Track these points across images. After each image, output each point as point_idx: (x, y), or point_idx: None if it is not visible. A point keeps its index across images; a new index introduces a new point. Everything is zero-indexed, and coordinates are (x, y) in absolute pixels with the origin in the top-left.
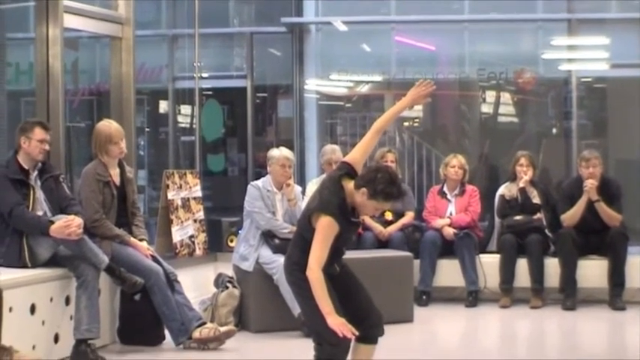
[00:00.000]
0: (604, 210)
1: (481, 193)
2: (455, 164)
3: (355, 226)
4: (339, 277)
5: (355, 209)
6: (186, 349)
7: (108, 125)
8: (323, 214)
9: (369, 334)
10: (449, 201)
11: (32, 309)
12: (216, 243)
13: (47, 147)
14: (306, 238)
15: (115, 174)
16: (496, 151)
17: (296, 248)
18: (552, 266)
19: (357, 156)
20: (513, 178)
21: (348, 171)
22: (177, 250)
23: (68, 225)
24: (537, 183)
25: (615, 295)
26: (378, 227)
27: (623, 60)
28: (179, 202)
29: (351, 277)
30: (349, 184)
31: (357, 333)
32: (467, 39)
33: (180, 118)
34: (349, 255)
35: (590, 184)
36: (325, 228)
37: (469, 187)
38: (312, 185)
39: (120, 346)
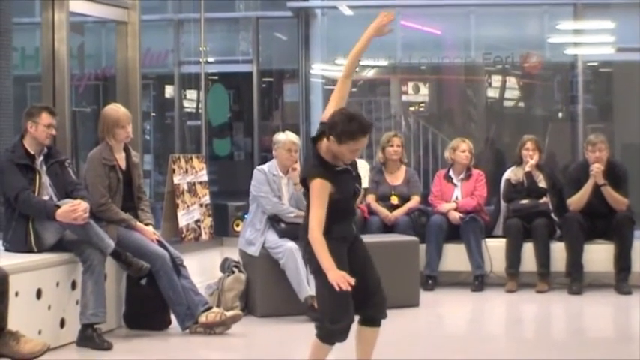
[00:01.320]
0: (610, 194)
1: (487, 177)
2: (465, 149)
3: (347, 176)
4: (354, 251)
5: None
6: (192, 334)
7: (115, 109)
8: (311, 178)
9: (372, 316)
10: (455, 185)
11: (38, 294)
12: (222, 227)
13: (54, 132)
14: None
15: (120, 158)
16: (502, 135)
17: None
18: (558, 250)
19: (331, 110)
20: (519, 162)
21: (323, 129)
22: (183, 235)
23: (74, 209)
24: (543, 167)
25: (621, 280)
26: (384, 212)
27: (628, 44)
28: (185, 187)
29: (365, 254)
30: (321, 142)
31: (352, 282)
32: (473, 23)
33: (186, 103)
34: None
35: (597, 169)
36: (316, 190)
37: (475, 172)
38: None
39: (126, 331)
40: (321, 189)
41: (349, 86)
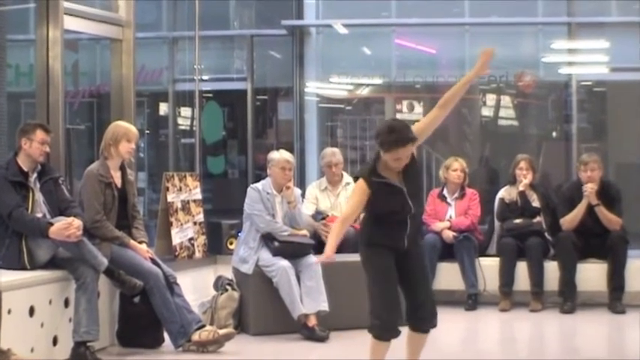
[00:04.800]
0: (604, 214)
1: (481, 196)
2: (457, 167)
3: (392, 190)
4: (406, 261)
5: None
6: (185, 352)
7: (125, 125)
8: (356, 178)
9: (418, 327)
10: (449, 204)
11: (31, 311)
12: (216, 245)
13: (48, 149)
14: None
15: (116, 176)
16: (496, 154)
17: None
18: (552, 269)
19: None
20: (513, 181)
21: None
22: (176, 253)
23: (67, 227)
24: (537, 186)
25: (615, 299)
26: None
27: (623, 64)
28: (179, 205)
29: (415, 267)
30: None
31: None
32: (467, 42)
33: (180, 121)
34: (351, 258)
35: (590, 189)
36: (355, 188)
37: (469, 191)
38: (313, 188)
39: (119, 349)
40: (358, 188)
41: (442, 115)
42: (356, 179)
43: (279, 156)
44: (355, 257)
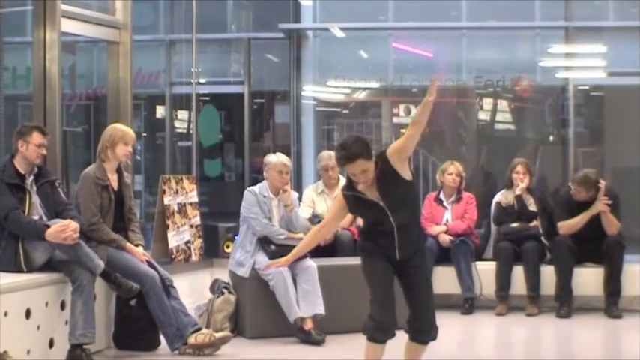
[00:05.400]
0: (608, 218)
1: (478, 200)
2: (452, 171)
3: (368, 204)
4: (405, 272)
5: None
6: (181, 355)
7: (123, 127)
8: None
9: (418, 337)
10: (445, 208)
11: (27, 313)
12: (213, 248)
13: (45, 151)
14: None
15: (113, 179)
16: (493, 158)
17: None
18: (548, 274)
19: (392, 147)
20: (510, 185)
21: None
22: (173, 256)
23: (64, 229)
24: (534, 190)
25: (611, 303)
26: None
27: (620, 68)
28: (175, 208)
29: (414, 278)
30: None
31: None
32: (464, 46)
33: (177, 124)
34: (346, 261)
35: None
36: (335, 199)
37: (465, 195)
38: (309, 191)
39: (115, 351)
40: (336, 199)
41: (417, 132)
42: None
43: (276, 159)
44: (351, 260)
